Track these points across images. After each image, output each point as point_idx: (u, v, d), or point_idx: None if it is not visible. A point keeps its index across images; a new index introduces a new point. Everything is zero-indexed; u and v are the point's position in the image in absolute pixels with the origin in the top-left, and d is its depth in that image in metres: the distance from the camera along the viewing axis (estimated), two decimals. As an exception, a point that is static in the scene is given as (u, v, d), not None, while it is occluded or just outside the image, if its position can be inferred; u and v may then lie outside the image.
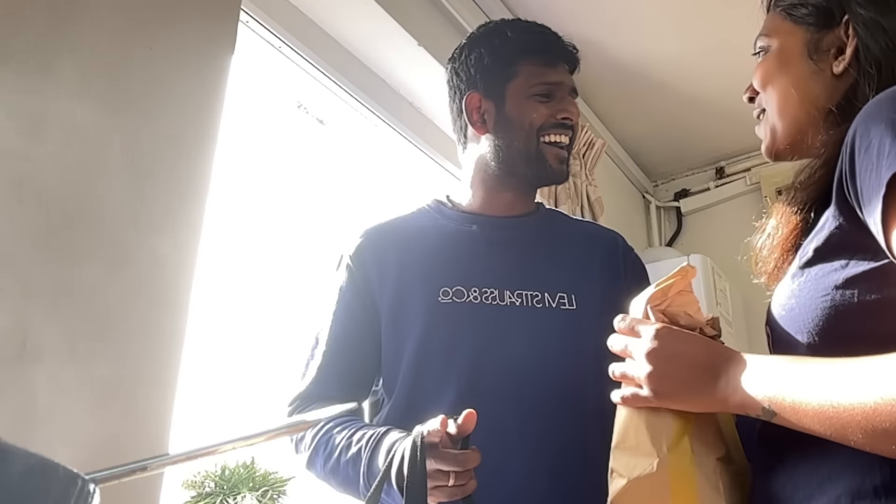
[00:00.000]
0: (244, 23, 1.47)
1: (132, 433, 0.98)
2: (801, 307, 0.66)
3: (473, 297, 1.10)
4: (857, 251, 0.62)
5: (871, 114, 0.62)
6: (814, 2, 0.80)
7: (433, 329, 1.07)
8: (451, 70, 1.28)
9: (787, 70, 0.80)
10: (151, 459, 0.45)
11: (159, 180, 1.11)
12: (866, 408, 0.52)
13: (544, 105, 1.16)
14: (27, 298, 0.92)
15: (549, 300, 1.12)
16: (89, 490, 0.34)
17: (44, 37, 1.00)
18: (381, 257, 1.15)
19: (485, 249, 1.16)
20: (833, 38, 0.77)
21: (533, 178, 1.20)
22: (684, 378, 0.68)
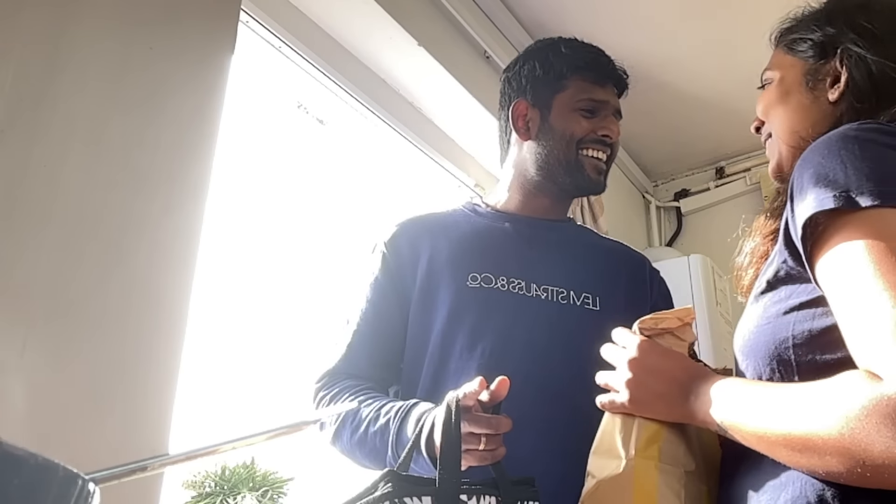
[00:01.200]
0: (244, 23, 1.47)
1: (132, 433, 0.98)
2: (751, 334, 0.71)
3: (501, 284, 1.15)
4: (800, 283, 0.67)
5: (805, 158, 0.67)
6: (812, 37, 0.85)
7: (461, 311, 1.12)
8: (504, 80, 1.33)
9: (787, 99, 0.85)
10: (151, 459, 0.45)
11: (159, 180, 1.11)
12: (787, 433, 0.58)
13: (587, 120, 1.21)
14: (27, 298, 0.92)
15: (574, 298, 1.17)
16: (89, 490, 0.34)
17: (44, 36, 1.00)
18: (414, 244, 1.20)
19: (515, 244, 1.22)
20: (829, 69, 0.82)
21: (571, 186, 1.24)
22: (659, 389, 0.74)
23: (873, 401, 0.52)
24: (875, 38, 0.79)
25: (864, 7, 0.83)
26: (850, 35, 0.81)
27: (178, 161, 1.14)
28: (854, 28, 0.81)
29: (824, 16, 0.86)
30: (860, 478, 0.54)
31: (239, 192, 1.64)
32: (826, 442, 0.55)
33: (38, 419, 0.89)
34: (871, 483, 0.54)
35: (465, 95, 1.97)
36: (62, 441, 0.90)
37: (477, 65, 2.07)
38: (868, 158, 0.61)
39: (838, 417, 0.54)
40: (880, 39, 0.79)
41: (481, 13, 2.07)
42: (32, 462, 0.31)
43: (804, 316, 0.65)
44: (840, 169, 0.61)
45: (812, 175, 0.64)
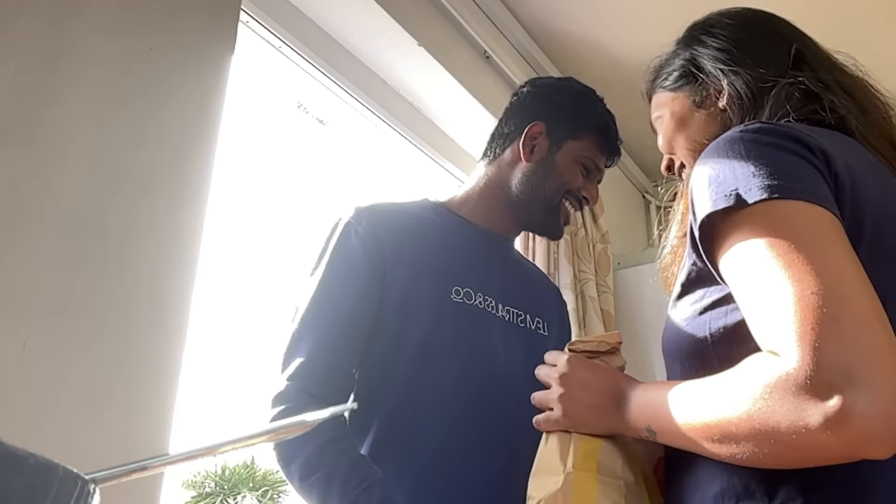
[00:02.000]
0: (244, 23, 1.47)
1: (132, 433, 0.98)
2: (671, 338, 0.74)
3: (479, 301, 1.15)
4: (710, 283, 0.70)
5: (699, 164, 0.71)
6: (680, 69, 0.93)
7: (443, 324, 1.09)
8: (531, 89, 1.34)
9: (685, 124, 0.91)
10: (151, 459, 0.45)
11: (159, 180, 1.11)
12: (704, 425, 0.60)
13: (582, 177, 1.26)
14: (27, 298, 0.92)
15: (530, 322, 1.22)
16: (89, 490, 0.34)
17: (44, 36, 1.00)
18: (396, 238, 1.13)
19: (485, 258, 1.22)
20: (708, 85, 0.88)
21: (539, 222, 1.28)
22: (590, 402, 0.76)
23: (773, 377, 0.55)
24: (729, 52, 0.88)
25: (710, 26, 0.92)
26: (710, 53, 0.89)
27: (179, 161, 1.14)
28: (710, 45, 0.90)
29: (682, 48, 0.94)
30: (777, 458, 0.56)
31: (239, 192, 1.65)
32: (738, 426, 0.57)
33: (38, 419, 0.89)
34: (790, 461, 0.57)
35: (465, 95, 1.97)
36: (62, 441, 0.90)
37: (477, 65, 2.07)
38: (753, 157, 0.66)
39: (745, 399, 0.57)
40: (733, 50, 0.87)
41: (481, 13, 2.07)
42: (32, 462, 0.31)
43: (718, 314, 0.68)
44: (728, 170, 0.66)
45: (704, 179, 0.68)
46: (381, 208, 1.18)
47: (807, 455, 0.55)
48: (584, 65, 2.38)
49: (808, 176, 0.64)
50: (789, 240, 0.59)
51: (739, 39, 0.89)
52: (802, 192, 0.62)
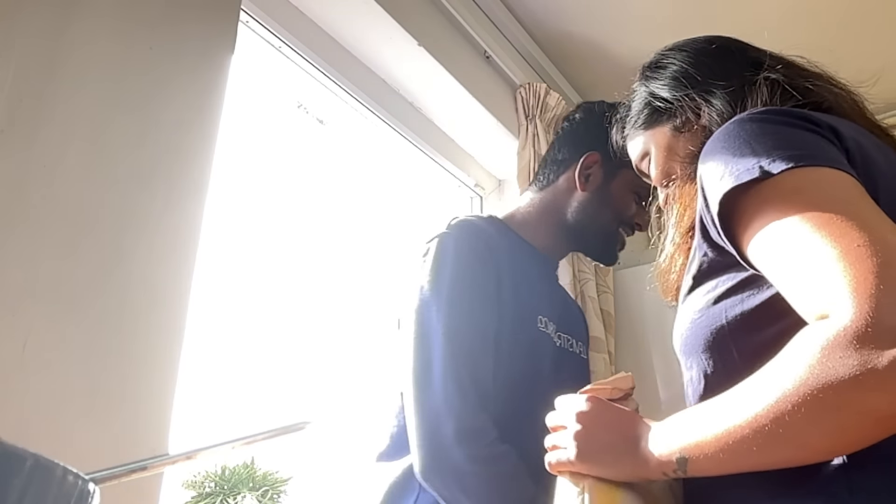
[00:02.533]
0: (244, 23, 1.47)
1: (132, 433, 0.98)
2: (687, 331, 0.72)
3: (552, 329, 1.18)
4: (723, 272, 0.69)
5: (707, 150, 0.71)
6: (645, 108, 0.96)
7: (530, 352, 1.10)
8: (584, 116, 1.35)
9: (674, 151, 0.91)
10: (151, 459, 0.45)
11: (159, 180, 1.11)
12: (753, 419, 0.55)
13: (637, 206, 1.27)
14: (27, 298, 0.92)
15: (577, 346, 1.23)
16: (89, 490, 0.34)
17: (44, 36, 1.00)
18: (498, 255, 1.12)
19: (547, 284, 1.26)
20: (680, 111, 0.91)
21: (595, 249, 1.29)
22: (608, 441, 0.70)
23: (829, 336, 0.51)
24: (690, 74, 0.90)
25: (661, 59, 0.96)
26: (670, 82, 0.92)
27: (178, 161, 1.14)
28: (668, 75, 0.93)
29: (640, 86, 0.98)
30: (842, 433, 0.51)
31: (239, 191, 1.65)
32: (796, 401, 0.51)
33: (38, 419, 0.89)
34: (856, 435, 0.51)
35: (465, 95, 1.97)
36: (62, 441, 0.90)
37: (477, 65, 2.07)
38: (768, 133, 0.65)
39: (800, 368, 0.52)
40: (692, 71, 0.90)
41: (481, 13, 2.07)
42: (32, 462, 0.31)
43: (733, 301, 0.67)
44: (745, 147, 0.65)
45: (719, 160, 0.66)
46: (476, 224, 1.17)
47: (876, 419, 0.49)
48: (584, 65, 2.38)
49: (826, 148, 0.63)
50: (823, 200, 0.57)
51: (696, 61, 0.91)
52: (826, 160, 0.61)
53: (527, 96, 2.13)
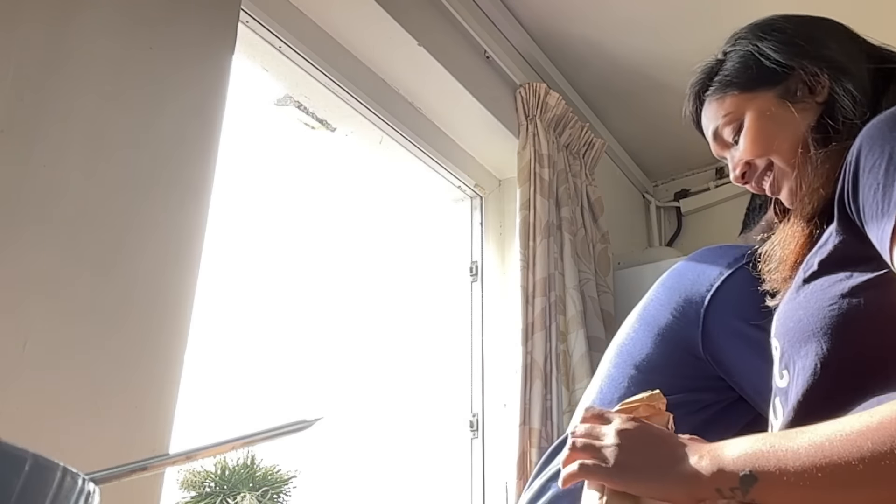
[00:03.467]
0: (244, 23, 1.47)
1: (132, 433, 0.98)
2: (808, 317, 0.68)
3: None
4: (860, 263, 0.66)
5: (874, 135, 0.66)
6: (748, 69, 0.89)
7: None
8: None
9: (780, 123, 0.85)
10: (151, 459, 0.45)
11: (160, 180, 1.11)
12: (873, 425, 0.48)
13: None
14: (27, 298, 0.92)
15: None
16: (89, 490, 0.34)
17: (44, 35, 1.00)
18: None
19: None
20: (796, 81, 0.85)
21: None
22: (652, 454, 0.63)
23: None
24: (808, 44, 0.86)
25: (771, 25, 0.90)
26: (787, 48, 0.86)
27: (179, 161, 1.14)
28: (800, 39, 0.87)
29: (742, 46, 0.91)
30: None
31: (241, 192, 1.64)
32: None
33: (38, 419, 0.89)
34: None
35: (465, 95, 1.97)
36: (62, 441, 0.90)
37: (477, 65, 2.07)
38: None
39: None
40: (809, 44, 0.86)
41: (481, 13, 2.07)
42: (32, 462, 0.31)
43: (875, 294, 0.64)
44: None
45: (892, 149, 0.63)
46: None
47: None
48: (584, 65, 2.38)
49: None
50: None
51: (817, 33, 0.87)
52: None
53: (527, 96, 2.12)
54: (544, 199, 2.00)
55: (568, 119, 2.23)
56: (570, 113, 2.23)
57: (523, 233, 1.94)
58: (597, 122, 2.59)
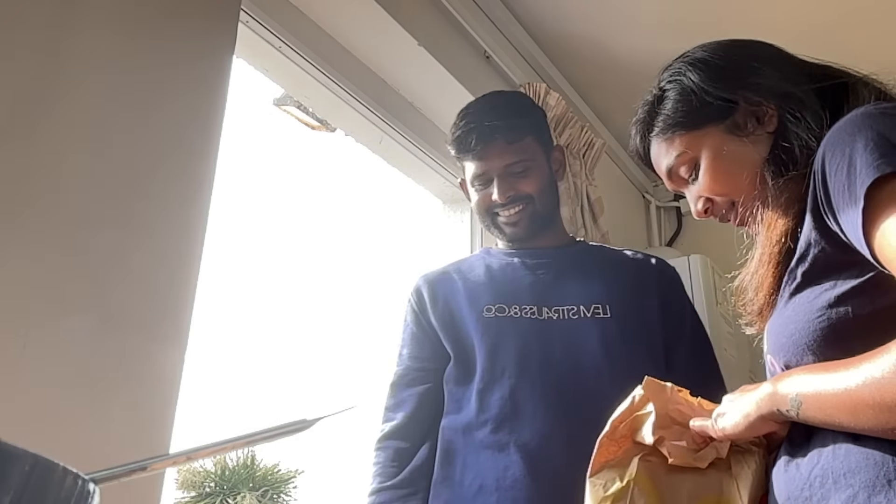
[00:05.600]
0: (244, 23, 1.47)
1: (132, 433, 0.98)
2: (800, 332, 0.70)
3: (514, 312, 1.30)
4: (843, 269, 0.67)
5: (834, 140, 0.68)
6: (687, 105, 0.87)
7: (480, 337, 1.28)
8: None
9: (738, 160, 0.84)
10: (151, 459, 0.45)
11: (160, 180, 1.11)
12: (873, 386, 0.58)
13: (482, 192, 1.36)
14: (27, 298, 0.92)
15: (585, 311, 1.29)
16: (89, 490, 0.34)
17: (44, 35, 1.00)
18: (433, 288, 1.39)
19: (525, 275, 1.36)
20: (742, 113, 0.84)
21: (503, 239, 1.41)
22: (739, 405, 0.75)
23: None
24: (747, 70, 0.86)
25: (699, 58, 0.89)
26: (745, 79, 0.85)
27: (179, 161, 1.14)
28: (738, 71, 0.86)
29: (676, 83, 0.90)
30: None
31: (239, 192, 1.65)
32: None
33: (38, 419, 0.89)
34: None
35: (465, 95, 1.97)
36: (62, 441, 0.89)
37: (477, 65, 2.07)
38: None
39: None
40: (756, 69, 0.86)
41: (481, 13, 2.07)
42: (32, 462, 0.31)
43: (862, 301, 0.65)
44: (881, 137, 0.63)
45: (852, 151, 0.64)
46: (429, 274, 1.43)
47: None
48: (584, 65, 2.38)
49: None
50: None
51: (746, 64, 0.87)
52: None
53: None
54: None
55: (568, 119, 2.22)
56: (570, 113, 2.23)
57: (523, 233, 1.94)
58: (597, 122, 2.59)
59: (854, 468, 0.63)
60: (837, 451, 0.65)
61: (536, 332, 1.27)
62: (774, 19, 2.07)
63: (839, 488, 0.63)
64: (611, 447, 0.83)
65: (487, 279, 1.37)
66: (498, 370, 1.24)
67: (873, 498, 0.60)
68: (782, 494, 0.71)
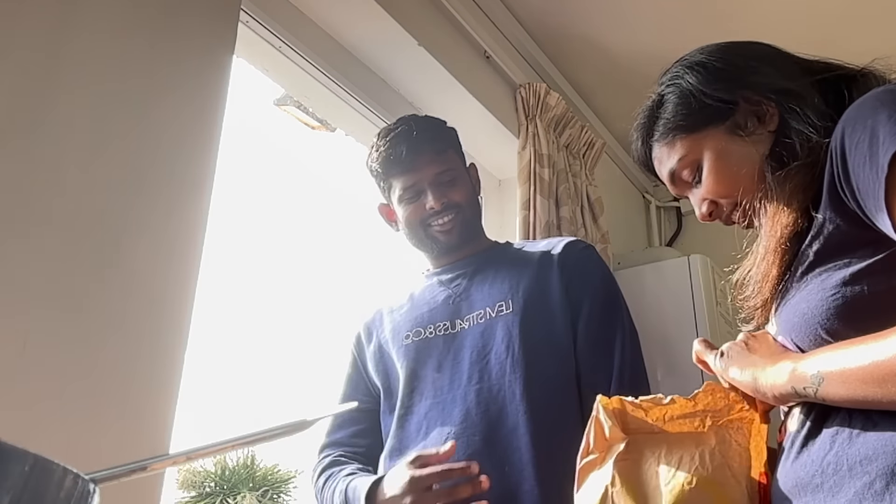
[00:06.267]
0: (244, 23, 1.47)
1: (132, 433, 0.98)
2: (812, 310, 0.69)
3: (429, 332, 1.33)
4: (858, 247, 0.66)
5: (853, 116, 0.68)
6: (687, 108, 0.87)
7: (402, 363, 1.32)
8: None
9: (741, 161, 0.84)
10: (151, 459, 0.45)
11: (160, 180, 1.11)
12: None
13: (414, 204, 1.36)
14: (27, 299, 0.92)
15: (490, 312, 1.31)
16: (89, 490, 0.34)
17: (44, 35, 1.00)
18: (368, 329, 1.44)
19: (440, 292, 1.39)
20: (742, 113, 0.85)
21: (433, 253, 1.42)
22: (759, 355, 0.76)
23: None
24: (745, 70, 0.86)
25: (710, 56, 0.89)
26: (744, 80, 0.85)
27: (179, 161, 1.14)
28: (736, 72, 0.86)
29: (676, 86, 0.90)
30: None
31: (239, 192, 1.65)
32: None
33: (38, 419, 0.89)
34: None
35: (465, 95, 1.97)
36: (62, 441, 0.90)
37: (477, 65, 2.07)
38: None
39: None
40: (746, 68, 0.86)
41: (481, 13, 2.07)
42: (32, 462, 0.31)
43: (879, 279, 0.65)
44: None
45: (875, 123, 0.64)
46: (366, 314, 1.46)
47: None
48: (583, 65, 2.38)
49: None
50: None
51: (743, 63, 0.87)
52: None
53: (527, 96, 2.12)
54: (544, 199, 2.00)
55: (568, 119, 2.23)
56: (569, 113, 2.23)
57: (523, 233, 1.94)
58: (597, 122, 2.59)
59: (871, 455, 0.61)
60: (854, 437, 0.64)
61: (449, 347, 1.30)
62: (775, 19, 2.07)
63: (854, 475, 0.62)
64: (588, 465, 0.83)
65: (409, 307, 1.40)
66: (416, 395, 1.28)
67: (891, 485, 0.59)
68: (789, 481, 0.70)
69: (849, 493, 0.62)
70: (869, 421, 0.63)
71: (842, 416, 0.66)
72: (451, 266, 1.42)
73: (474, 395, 1.22)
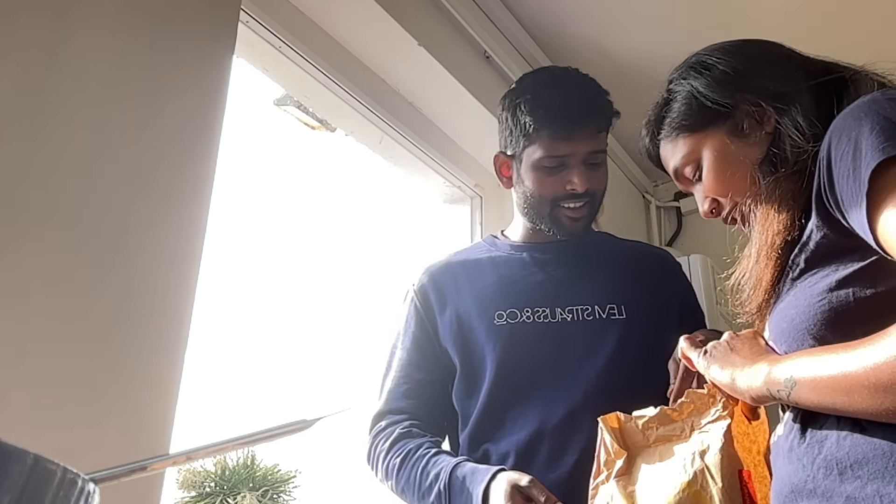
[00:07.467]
0: (244, 23, 1.47)
1: (132, 433, 0.98)
2: (800, 315, 0.70)
3: (526, 317, 1.22)
4: (845, 254, 0.68)
5: (840, 126, 0.69)
6: (693, 110, 0.90)
7: (494, 346, 1.20)
8: (498, 115, 1.36)
9: (738, 161, 0.86)
10: (151, 459, 0.45)
11: (160, 180, 1.11)
12: (869, 368, 0.58)
13: (552, 177, 1.23)
14: (27, 298, 0.92)
15: (600, 311, 1.23)
16: (89, 490, 0.34)
17: (44, 35, 1.00)
18: (440, 289, 1.29)
19: (536, 273, 1.28)
20: (741, 116, 0.86)
21: (552, 231, 1.29)
22: (740, 356, 0.78)
23: None
24: (745, 73, 0.88)
25: (712, 58, 0.91)
26: (743, 83, 0.87)
27: (179, 161, 1.14)
28: (737, 74, 0.88)
29: (682, 87, 0.92)
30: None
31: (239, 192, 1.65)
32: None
33: (38, 419, 0.89)
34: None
35: (465, 95, 1.97)
36: (62, 441, 0.89)
37: (477, 65, 2.07)
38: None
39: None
40: (747, 73, 0.88)
41: (481, 13, 2.07)
42: (32, 462, 0.31)
43: (862, 285, 0.66)
44: (888, 122, 0.63)
45: (858, 135, 0.65)
46: (434, 268, 1.34)
47: None
48: (584, 65, 2.36)
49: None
50: None
51: (745, 66, 0.88)
52: None
53: (527, 96, 2.12)
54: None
55: (568, 119, 2.22)
56: (570, 113, 2.23)
57: (523, 233, 1.94)
58: (597, 122, 2.59)
59: (861, 459, 0.62)
60: (841, 441, 0.64)
61: (550, 338, 1.20)
62: (775, 19, 2.06)
63: (846, 479, 0.63)
64: (598, 486, 0.87)
65: (496, 280, 1.27)
66: (511, 385, 1.17)
67: (882, 489, 0.59)
68: (786, 487, 0.71)
69: (840, 499, 0.63)
70: (857, 425, 0.64)
71: (831, 418, 0.67)
72: (545, 246, 1.31)
73: (581, 396, 1.13)
